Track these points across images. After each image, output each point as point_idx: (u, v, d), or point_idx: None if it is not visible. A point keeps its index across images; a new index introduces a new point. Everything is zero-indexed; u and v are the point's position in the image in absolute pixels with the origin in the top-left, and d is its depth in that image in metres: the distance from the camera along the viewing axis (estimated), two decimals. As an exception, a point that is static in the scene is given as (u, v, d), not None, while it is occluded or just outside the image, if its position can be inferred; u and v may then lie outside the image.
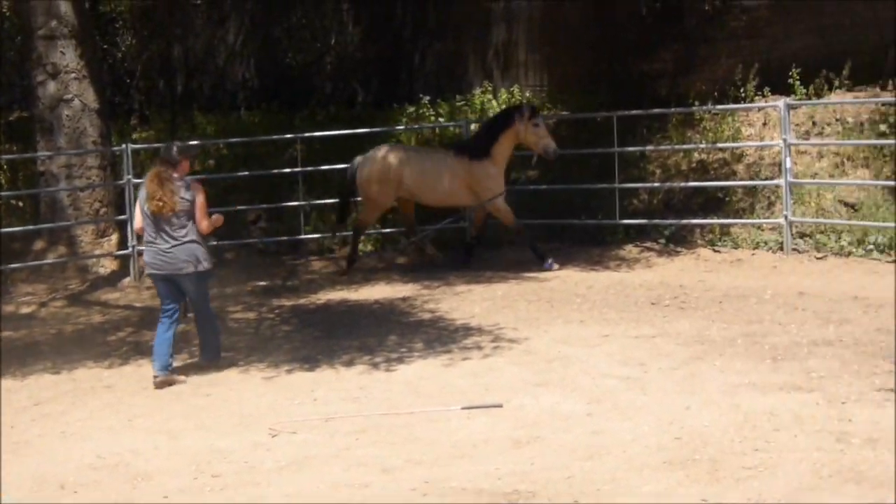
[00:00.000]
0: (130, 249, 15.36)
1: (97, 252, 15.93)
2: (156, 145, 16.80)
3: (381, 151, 15.16)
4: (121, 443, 8.27)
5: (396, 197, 15.22)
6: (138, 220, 10.41)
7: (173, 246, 10.06)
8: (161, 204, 9.95)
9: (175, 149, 10.34)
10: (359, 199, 15.49)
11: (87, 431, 8.72)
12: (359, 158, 15.19)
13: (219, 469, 7.51)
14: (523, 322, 11.55)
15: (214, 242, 16.67)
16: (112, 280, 15.48)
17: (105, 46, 21.55)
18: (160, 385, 9.92)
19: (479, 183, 14.76)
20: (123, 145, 15.84)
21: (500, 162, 14.80)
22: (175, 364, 10.32)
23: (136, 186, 13.67)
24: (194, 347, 11.10)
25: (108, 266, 15.89)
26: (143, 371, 10.50)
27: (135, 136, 19.56)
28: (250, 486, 7.13)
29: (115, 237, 16.13)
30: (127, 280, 15.38)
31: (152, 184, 10.02)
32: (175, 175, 10.09)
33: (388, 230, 16.88)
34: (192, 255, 10.13)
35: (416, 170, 14.91)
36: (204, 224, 10.21)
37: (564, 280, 13.82)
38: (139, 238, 13.31)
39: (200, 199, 10.19)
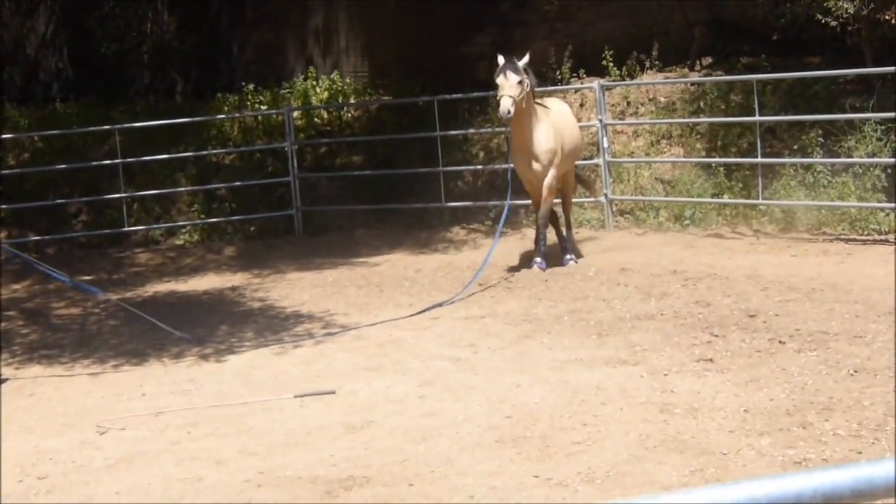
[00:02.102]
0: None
1: None
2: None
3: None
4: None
5: None
6: None
7: None
8: None
9: None
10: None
11: None
12: None
13: (45, 470, 7.34)
14: (354, 307, 11.58)
15: (36, 238, 16.29)
16: None
17: None
18: None
19: None
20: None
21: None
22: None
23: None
24: (15, 346, 10.81)
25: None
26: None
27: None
28: (79, 485, 6.99)
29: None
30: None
31: None
32: None
33: (213, 220, 16.70)
34: None
35: None
36: None
37: (394, 264, 13.91)
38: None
39: None
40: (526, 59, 12.23)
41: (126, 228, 16.43)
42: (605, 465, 6.45)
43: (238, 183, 17.03)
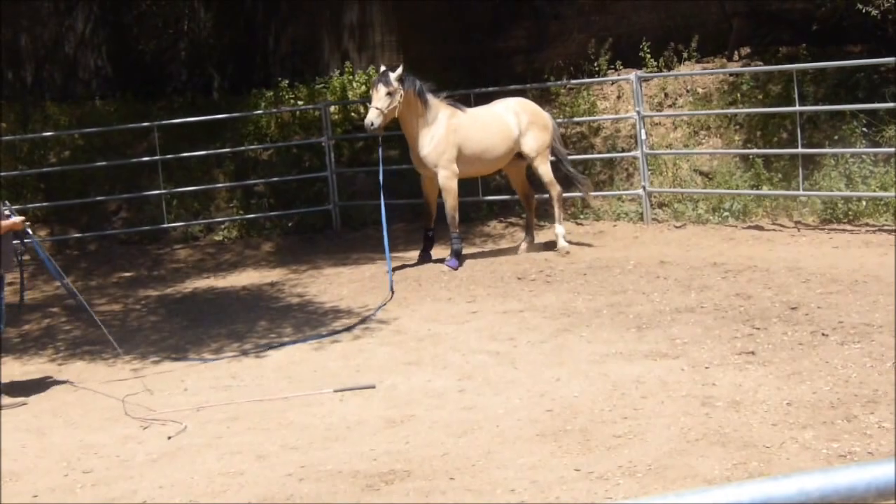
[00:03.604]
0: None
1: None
2: (7, 138, 16.45)
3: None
4: (-14, 444, 8.09)
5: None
6: None
7: None
8: None
9: None
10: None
11: (-49, 434, 8.50)
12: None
13: (90, 464, 7.40)
14: (392, 302, 11.59)
15: (78, 235, 16.37)
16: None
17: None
18: None
19: None
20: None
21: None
22: (39, 360, 10.08)
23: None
24: (59, 342, 10.89)
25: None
26: (5, 370, 10.21)
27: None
28: (122, 479, 7.03)
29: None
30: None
31: None
32: None
33: (251, 216, 16.75)
34: None
35: None
36: None
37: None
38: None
39: None
40: (399, 70, 12.95)
41: (165, 225, 16.51)
42: (646, 459, 6.42)
43: (275, 178, 17.07)
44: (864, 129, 13.64)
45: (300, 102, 18.73)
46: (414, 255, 13.98)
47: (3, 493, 7.04)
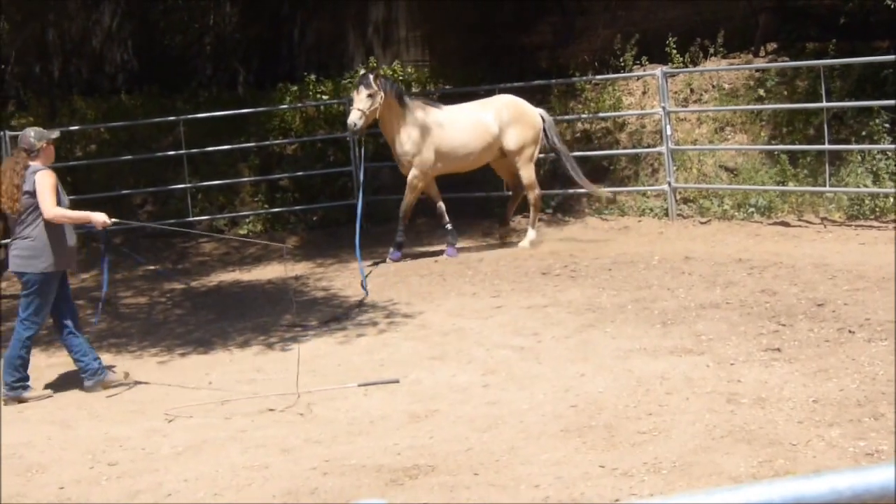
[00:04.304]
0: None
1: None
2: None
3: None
4: (12, 435, 8.11)
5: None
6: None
7: (12, 240, 8.98)
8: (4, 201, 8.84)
9: (32, 134, 9.04)
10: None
11: (-23, 426, 8.55)
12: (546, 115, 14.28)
13: (115, 457, 7.42)
14: (417, 296, 11.59)
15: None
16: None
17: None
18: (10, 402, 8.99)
19: None
20: (1, 132, 15.49)
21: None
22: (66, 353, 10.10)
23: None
24: (85, 335, 10.92)
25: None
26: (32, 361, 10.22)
27: (13, 122, 19.12)
28: (147, 472, 7.05)
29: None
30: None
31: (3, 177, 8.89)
32: (34, 164, 8.90)
33: (276, 210, 16.78)
34: (19, 252, 8.91)
35: None
36: (48, 210, 8.77)
37: (455, 253, 13.90)
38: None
39: (41, 187, 8.79)
40: (379, 73, 13.76)
41: (190, 218, 16.55)
42: (671, 456, 6.40)
43: (300, 173, 17.10)
44: (891, 124, 13.55)
45: (325, 97, 18.73)
46: (435, 249, 13.99)
47: (30, 483, 7.08)
